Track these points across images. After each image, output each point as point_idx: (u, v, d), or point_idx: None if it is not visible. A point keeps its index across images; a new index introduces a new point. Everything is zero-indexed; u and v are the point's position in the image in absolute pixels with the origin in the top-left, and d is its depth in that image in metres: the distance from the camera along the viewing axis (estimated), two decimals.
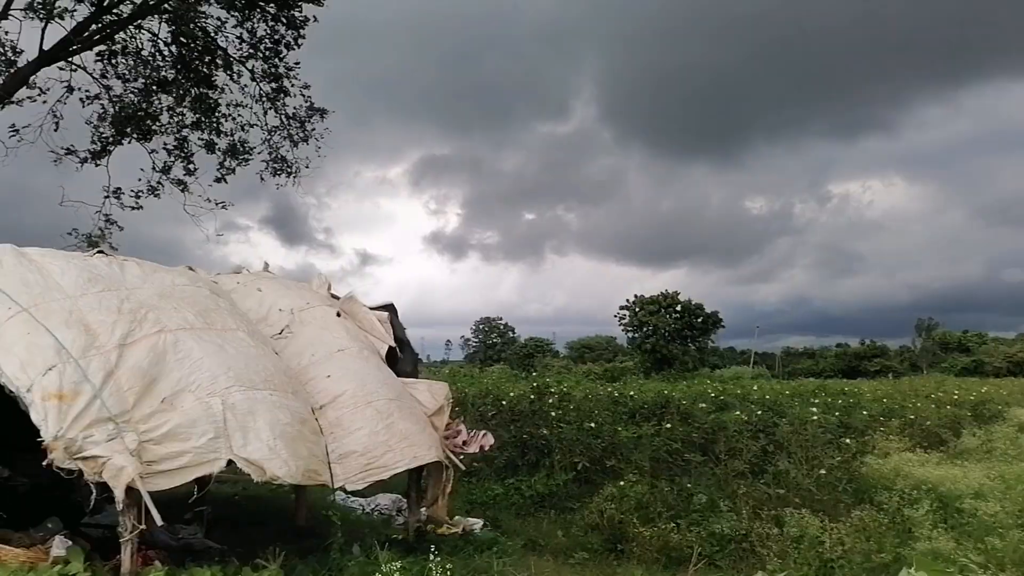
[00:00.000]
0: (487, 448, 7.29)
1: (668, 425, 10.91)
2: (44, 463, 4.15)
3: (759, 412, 11.79)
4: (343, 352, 6.43)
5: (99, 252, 5.75)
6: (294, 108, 17.69)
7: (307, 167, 18.16)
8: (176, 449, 4.44)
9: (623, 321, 64.95)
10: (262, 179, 18.10)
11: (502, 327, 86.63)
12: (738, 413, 11.61)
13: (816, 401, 13.26)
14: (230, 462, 4.66)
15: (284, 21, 16.67)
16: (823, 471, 9.43)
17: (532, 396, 12.16)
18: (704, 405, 12.18)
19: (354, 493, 8.18)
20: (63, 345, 4.49)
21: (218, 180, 17.57)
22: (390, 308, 8.12)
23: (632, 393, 13.15)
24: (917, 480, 8.69)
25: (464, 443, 6.96)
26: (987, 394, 18.75)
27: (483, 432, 7.29)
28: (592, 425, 10.90)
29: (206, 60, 16.68)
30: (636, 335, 65.16)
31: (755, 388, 15.45)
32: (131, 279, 5.39)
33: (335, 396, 5.83)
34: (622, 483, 9.10)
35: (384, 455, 5.63)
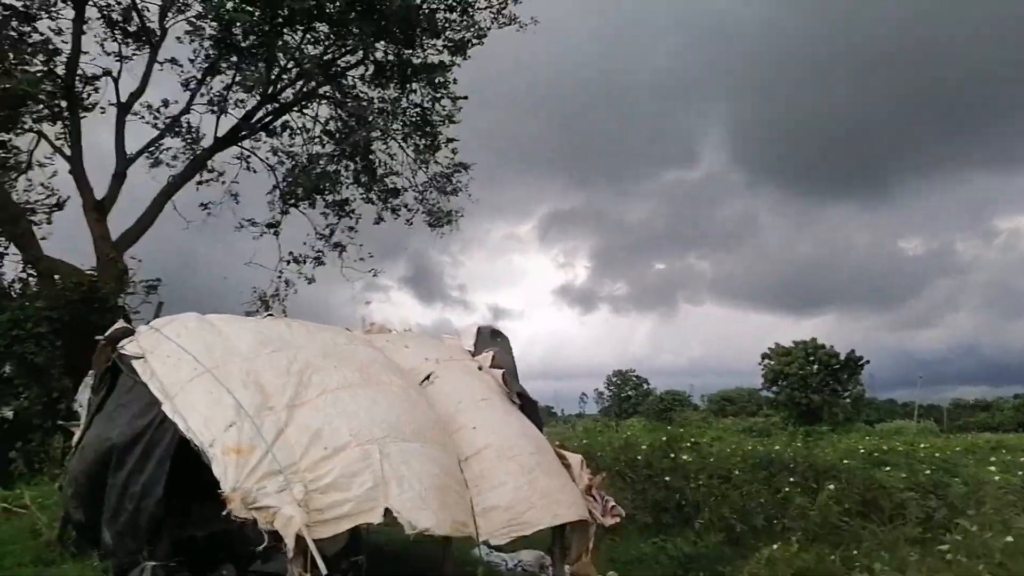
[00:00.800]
0: (617, 520, 7.05)
1: (831, 486, 10.17)
2: (223, 513, 4.52)
3: (928, 471, 10.77)
4: (486, 402, 6.61)
5: (269, 315, 6.31)
6: (441, 164, 18.99)
7: (460, 216, 19.37)
8: (339, 498, 4.70)
9: (764, 373, 61.86)
10: (410, 223, 19.34)
11: (636, 379, 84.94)
12: (904, 475, 10.67)
13: (994, 459, 11.94)
14: (386, 511, 4.87)
15: (434, 91, 18.01)
16: (1010, 538, 8.40)
17: (667, 450, 11.80)
18: (863, 463, 11.30)
19: (497, 548, 8.22)
20: (241, 404, 4.94)
21: (376, 223, 19.08)
22: (501, 335, 8.18)
23: (788, 451, 12.40)
24: None
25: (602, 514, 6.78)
26: None
27: (612, 504, 7.06)
28: (741, 483, 10.39)
29: (364, 134, 18.18)
30: (776, 387, 61.91)
31: (922, 444, 14.14)
32: (297, 339, 5.88)
33: (479, 449, 5.96)
34: (777, 546, 8.54)
35: (527, 512, 5.65)
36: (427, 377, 6.65)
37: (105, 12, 16.34)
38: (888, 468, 10.96)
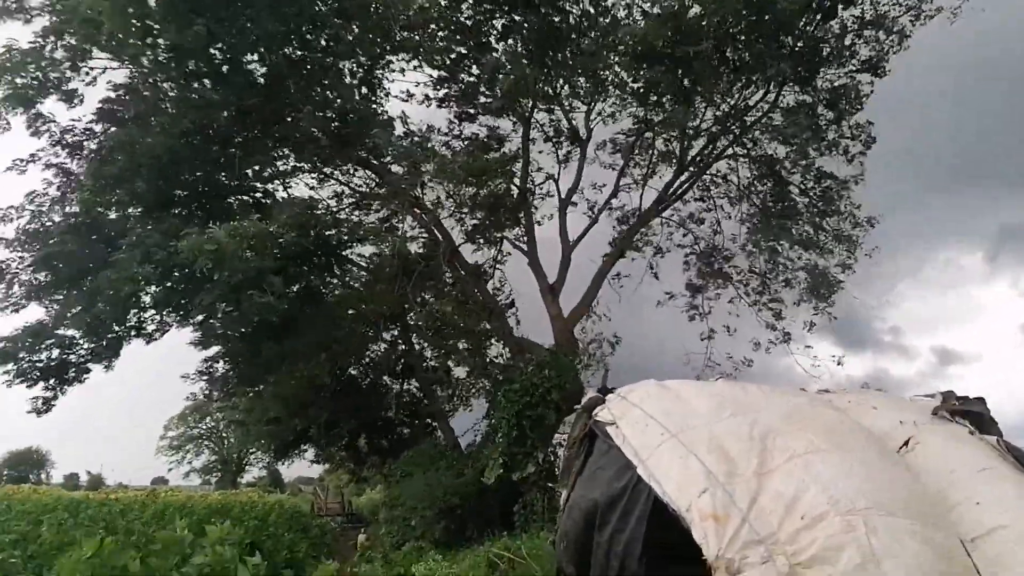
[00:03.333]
0: None
1: None
2: None
3: None
4: (988, 472, 5.54)
5: (719, 377, 6.43)
6: (841, 227, 17.64)
7: (841, 288, 17.78)
8: (825, 573, 4.41)
9: None
10: (833, 317, 18.19)
11: None
12: None
13: None
14: None
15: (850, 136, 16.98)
16: None
17: None
18: None
19: None
20: (710, 470, 5.05)
21: (808, 327, 18.59)
22: (981, 403, 6.76)
23: None
24: None
25: None
26: None
27: None
28: None
29: (778, 198, 18.03)
30: None
31: None
32: (755, 402, 5.82)
33: (990, 528, 4.99)
34: None
35: None
36: (905, 443, 5.89)
37: (543, 128, 19.42)
38: None
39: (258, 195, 19.33)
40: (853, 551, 4.47)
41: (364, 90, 18.81)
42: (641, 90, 16.81)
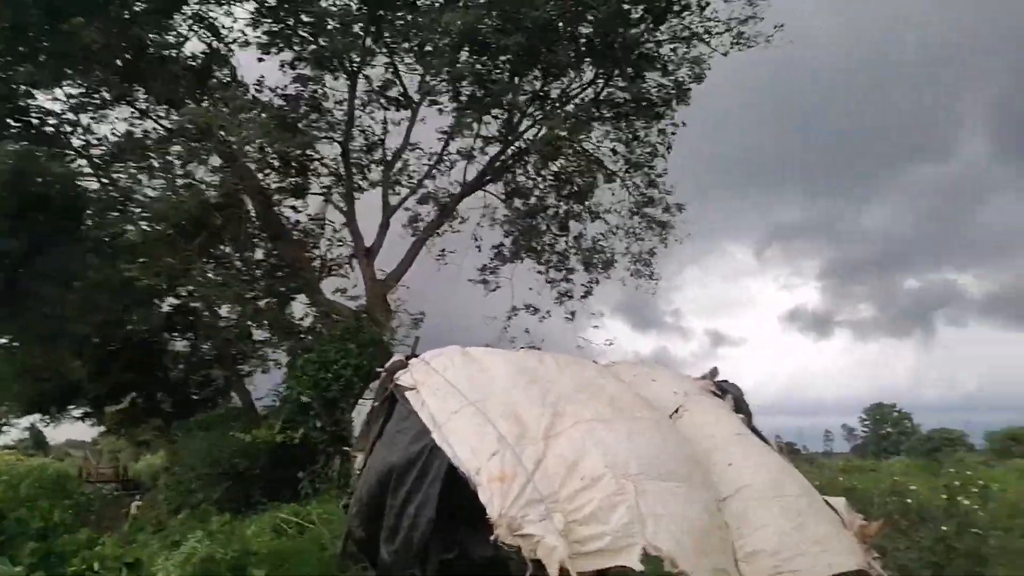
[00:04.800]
0: None
1: None
2: (491, 539, 4.80)
3: None
4: (742, 437, 6.35)
5: (523, 347, 6.71)
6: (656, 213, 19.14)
7: (658, 280, 19.41)
8: (597, 531, 4.78)
9: None
10: (623, 283, 19.79)
11: (897, 415, 76.03)
12: None
13: None
14: (644, 551, 4.82)
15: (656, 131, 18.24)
16: None
17: (947, 495, 10.37)
18: None
19: None
20: (502, 435, 5.27)
21: (584, 296, 19.86)
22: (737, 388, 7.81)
23: None
24: None
25: None
26: None
27: None
28: None
29: (585, 176, 18.98)
30: None
31: None
32: (549, 372, 6.16)
33: (738, 488, 5.71)
34: None
35: (794, 559, 5.27)
36: (676, 410, 6.57)
37: (373, 89, 18.82)
38: None
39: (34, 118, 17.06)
40: (623, 511, 4.89)
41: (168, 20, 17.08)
42: (466, 71, 16.91)
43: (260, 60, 17.68)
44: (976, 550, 9.08)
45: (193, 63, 18.32)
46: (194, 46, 18.38)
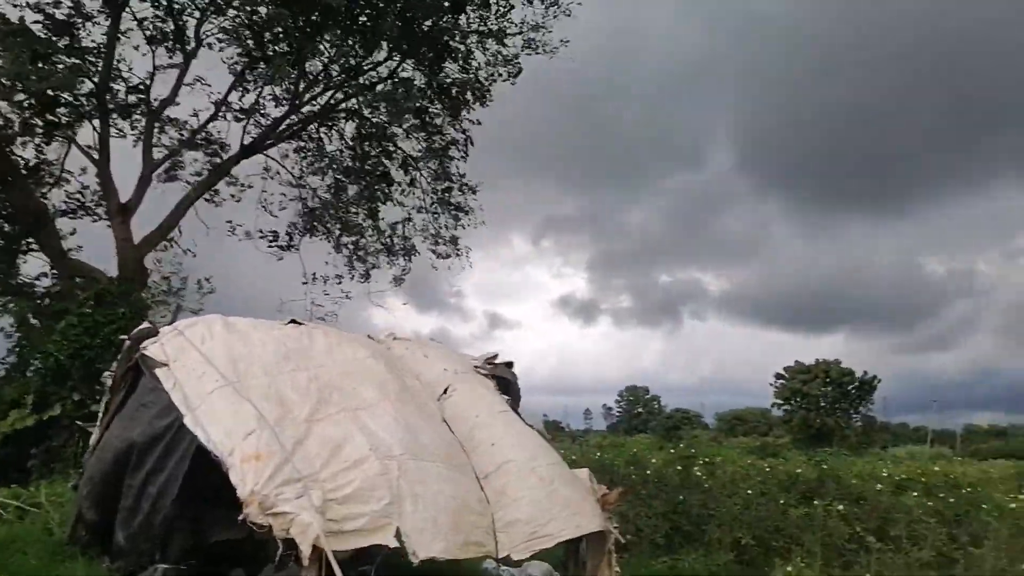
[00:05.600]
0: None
1: (840, 507, 10.07)
2: (240, 518, 4.52)
3: (943, 496, 10.64)
4: (505, 415, 6.63)
5: (292, 322, 6.38)
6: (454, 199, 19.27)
7: (466, 254, 19.63)
8: (356, 511, 4.72)
9: (776, 392, 61.41)
10: (435, 267, 19.76)
11: (647, 396, 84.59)
12: (915, 494, 10.55)
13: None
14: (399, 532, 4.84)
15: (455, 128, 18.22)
16: None
17: (679, 466, 11.75)
18: (880, 486, 11.16)
19: (506, 563, 8.18)
20: (262, 414, 5.00)
21: (396, 282, 19.52)
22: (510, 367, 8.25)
23: (799, 469, 12.30)
24: None
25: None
26: None
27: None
28: (753, 499, 10.29)
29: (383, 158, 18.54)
30: (788, 406, 61.38)
31: (936, 469, 13.97)
32: (318, 355, 5.97)
33: (500, 464, 5.97)
34: (790, 568, 8.47)
35: (548, 523, 5.65)
36: (445, 391, 6.68)
37: (142, 21, 16.64)
38: (915, 493, 10.80)
39: None
40: (384, 491, 4.90)
41: None
42: (259, 23, 15.68)
43: None
44: (702, 513, 10.36)
45: None
46: None
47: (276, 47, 16.43)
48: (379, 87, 17.54)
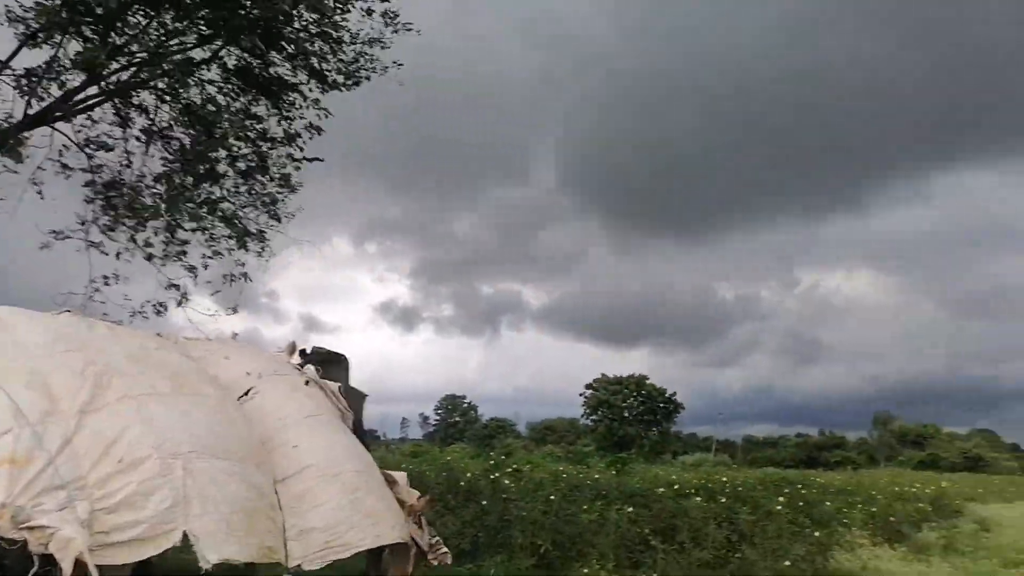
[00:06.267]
0: (441, 563, 6.98)
1: (630, 509, 10.77)
2: None
3: (723, 500, 11.72)
4: (314, 419, 6.32)
5: (66, 311, 5.65)
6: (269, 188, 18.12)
7: (274, 252, 18.52)
8: (130, 519, 4.23)
9: (585, 402, 64.72)
10: (241, 263, 18.35)
11: (465, 406, 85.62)
12: (699, 499, 11.54)
13: (787, 491, 13.24)
14: (184, 536, 4.46)
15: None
16: (788, 563, 9.36)
17: (489, 474, 11.99)
18: (663, 490, 12.08)
19: (297, 573, 7.83)
20: (20, 408, 4.34)
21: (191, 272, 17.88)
22: (343, 360, 8.01)
23: (599, 478, 13.00)
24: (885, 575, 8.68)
25: (427, 550, 6.67)
26: (946, 489, 19.00)
27: (443, 550, 6.97)
28: (553, 506, 10.72)
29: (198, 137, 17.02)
30: (595, 416, 64.93)
31: (719, 476, 15.40)
32: (98, 341, 5.27)
33: (302, 467, 5.67)
34: (586, 571, 8.90)
35: (347, 532, 5.44)
36: (246, 392, 6.23)
37: None
38: (695, 497, 11.78)
39: None
40: (165, 493, 4.44)
41: None
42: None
43: None
44: (505, 520, 10.61)
45: None
46: None
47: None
48: (197, 70, 16.25)
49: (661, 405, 63.84)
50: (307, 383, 6.95)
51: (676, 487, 12.70)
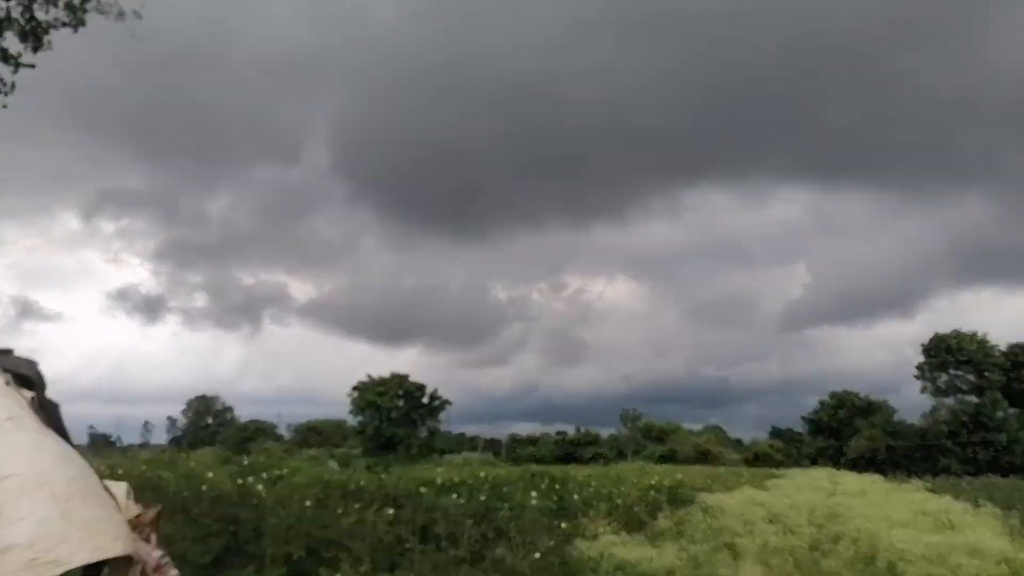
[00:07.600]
0: None
1: (390, 511, 10.65)
2: None
3: (482, 497, 12.05)
4: (15, 421, 5.33)
5: None
6: None
7: None
8: None
9: (353, 402, 63.63)
10: None
11: (220, 407, 79.66)
12: (455, 496, 11.75)
13: (543, 486, 13.97)
14: None
15: None
16: (538, 555, 9.82)
17: (240, 480, 11.17)
18: (425, 490, 12.14)
19: None
20: None
21: None
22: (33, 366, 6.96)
23: (361, 480, 12.70)
24: (620, 561, 9.43)
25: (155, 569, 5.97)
26: (681, 480, 21.35)
27: (173, 570, 6.28)
28: (308, 511, 10.25)
29: None
30: (363, 417, 64.01)
31: (481, 474, 15.87)
32: None
33: (1, 478, 4.75)
34: (339, 575, 8.60)
35: (57, 547, 4.61)
36: None
37: None
38: (456, 496, 11.94)
39: None
40: None
41: None
42: None
43: None
44: (256, 529, 9.91)
45: None
46: None
47: None
48: None
49: (424, 403, 64.45)
50: (7, 382, 5.89)
51: (438, 485, 12.84)
